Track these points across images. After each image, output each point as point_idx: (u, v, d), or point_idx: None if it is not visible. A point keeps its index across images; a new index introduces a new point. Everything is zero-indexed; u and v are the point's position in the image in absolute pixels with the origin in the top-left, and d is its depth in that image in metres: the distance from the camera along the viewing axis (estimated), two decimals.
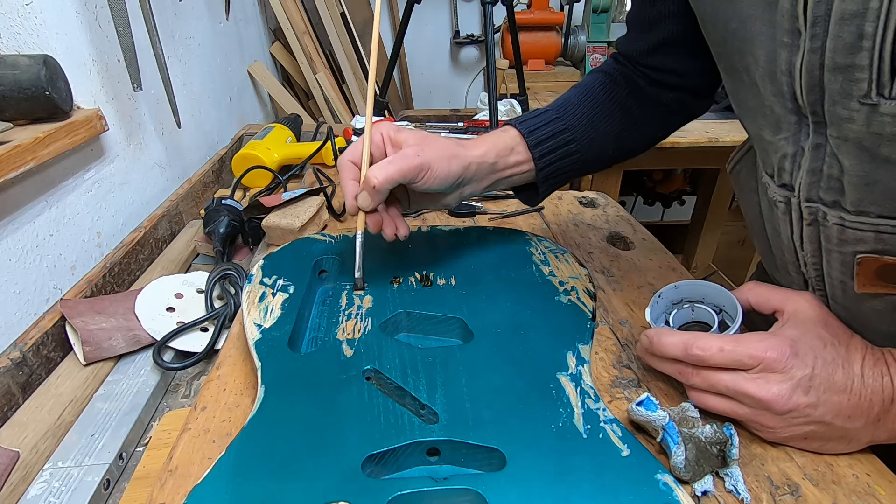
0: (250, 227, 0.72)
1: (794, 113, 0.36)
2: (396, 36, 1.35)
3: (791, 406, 0.35)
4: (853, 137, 0.32)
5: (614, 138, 0.55)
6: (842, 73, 0.31)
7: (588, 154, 0.54)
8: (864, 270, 0.36)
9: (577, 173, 0.56)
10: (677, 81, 0.53)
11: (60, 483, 0.40)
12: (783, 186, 0.40)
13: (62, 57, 0.61)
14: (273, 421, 0.37)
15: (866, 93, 0.30)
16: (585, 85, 0.57)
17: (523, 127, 0.52)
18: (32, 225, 0.58)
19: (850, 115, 0.32)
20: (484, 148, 0.50)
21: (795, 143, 0.37)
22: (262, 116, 1.51)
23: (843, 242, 0.37)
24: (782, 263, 0.45)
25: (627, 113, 0.55)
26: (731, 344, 0.36)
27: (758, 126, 0.40)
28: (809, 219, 0.38)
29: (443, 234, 0.62)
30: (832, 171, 0.35)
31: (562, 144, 0.53)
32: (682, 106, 0.56)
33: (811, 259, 0.40)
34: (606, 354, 0.48)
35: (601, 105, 0.55)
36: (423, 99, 2.26)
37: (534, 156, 0.52)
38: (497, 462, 0.35)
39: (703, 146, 1.26)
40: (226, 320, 0.56)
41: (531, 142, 0.52)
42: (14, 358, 0.49)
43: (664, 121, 0.57)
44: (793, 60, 0.33)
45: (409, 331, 0.49)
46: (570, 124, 0.53)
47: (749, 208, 0.50)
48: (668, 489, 0.32)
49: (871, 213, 0.34)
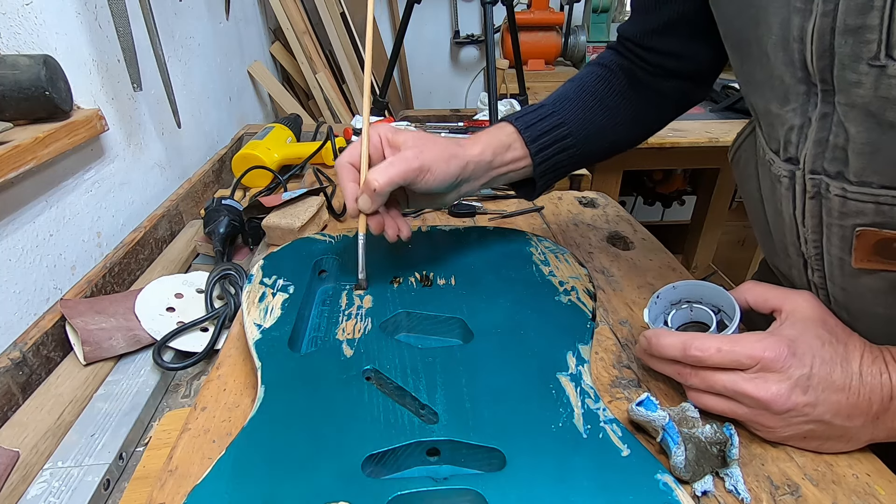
0: (250, 227, 0.72)
1: (804, 82, 0.36)
2: (396, 36, 1.35)
3: (790, 405, 0.35)
4: (860, 103, 0.33)
5: (611, 130, 0.56)
6: (852, 36, 0.31)
7: (585, 147, 0.55)
8: (863, 244, 0.37)
9: (575, 167, 0.57)
10: (678, 66, 0.53)
11: (60, 483, 0.40)
12: (788, 161, 0.40)
13: (62, 57, 0.61)
14: (273, 421, 0.37)
15: (875, 54, 0.31)
16: (581, 78, 0.57)
17: (520, 123, 0.53)
18: (32, 225, 0.58)
19: (858, 78, 0.32)
20: (481, 146, 0.50)
21: (803, 115, 0.38)
22: (262, 116, 1.51)
23: (844, 215, 0.37)
24: (782, 245, 0.45)
25: (625, 104, 0.56)
26: (729, 344, 0.36)
27: (766, 99, 0.41)
28: (812, 191, 0.39)
29: (443, 234, 0.62)
30: (838, 139, 0.36)
31: (558, 139, 0.53)
32: (681, 95, 0.57)
33: (811, 235, 0.41)
34: (606, 354, 0.48)
35: (597, 98, 0.55)
36: (423, 99, 2.26)
37: (531, 151, 0.52)
38: (497, 462, 0.35)
39: (703, 146, 1.26)
40: (226, 320, 0.56)
41: (528, 137, 0.52)
42: (14, 358, 0.49)
43: (661, 111, 0.58)
44: (805, 26, 0.34)
45: (409, 331, 0.49)
46: (566, 118, 0.53)
47: (749, 194, 0.51)
48: (668, 489, 0.32)
49: (872, 184, 0.35)
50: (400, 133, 0.48)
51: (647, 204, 1.90)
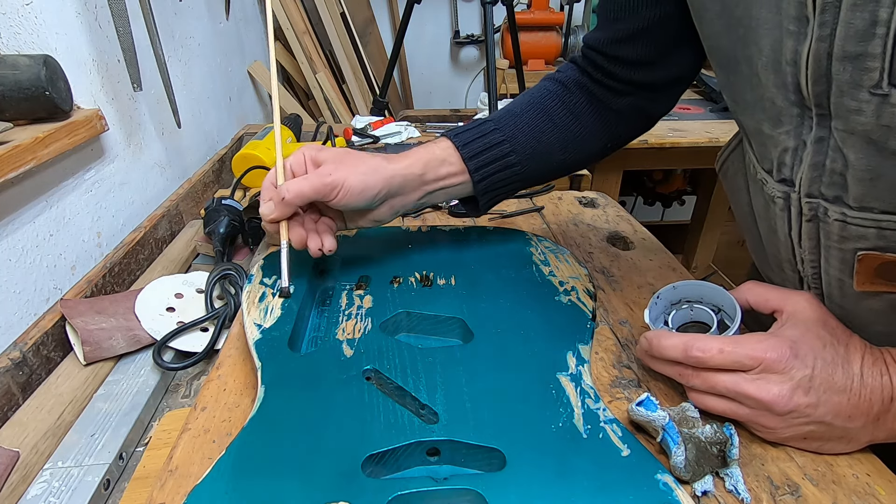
0: (250, 227, 0.72)
1: (797, 105, 0.35)
2: (396, 36, 1.35)
3: (791, 407, 0.35)
4: (860, 130, 0.32)
5: (560, 149, 0.54)
6: (851, 63, 0.30)
7: (530, 166, 0.53)
8: (864, 268, 0.36)
9: (522, 185, 0.55)
10: (641, 77, 0.51)
11: (60, 483, 0.40)
12: (783, 182, 0.39)
13: (62, 57, 0.61)
14: (273, 421, 0.37)
15: (877, 83, 0.29)
16: (532, 93, 0.56)
17: (457, 140, 0.51)
18: (32, 225, 0.58)
19: (858, 106, 0.31)
20: (410, 160, 0.50)
21: (797, 137, 0.36)
22: (262, 116, 1.51)
23: (844, 239, 0.36)
24: (777, 261, 0.45)
25: (577, 121, 0.54)
26: (731, 345, 0.36)
27: (756, 120, 0.40)
28: (809, 215, 0.38)
29: (443, 234, 0.62)
30: (835, 165, 0.35)
31: (499, 157, 0.51)
32: (636, 111, 0.54)
33: (809, 256, 0.40)
34: (606, 354, 0.48)
35: (547, 114, 0.53)
36: (423, 99, 2.26)
37: (469, 168, 0.51)
38: (497, 462, 0.35)
39: (703, 146, 1.26)
40: (226, 320, 0.56)
41: (465, 154, 0.51)
42: (14, 358, 0.49)
43: (615, 129, 0.56)
44: (799, 49, 0.32)
45: (409, 331, 0.49)
46: (509, 135, 0.52)
47: (739, 206, 0.50)
48: (668, 489, 0.32)
49: (874, 209, 0.34)
50: (323, 151, 0.49)
51: (647, 204, 1.90)
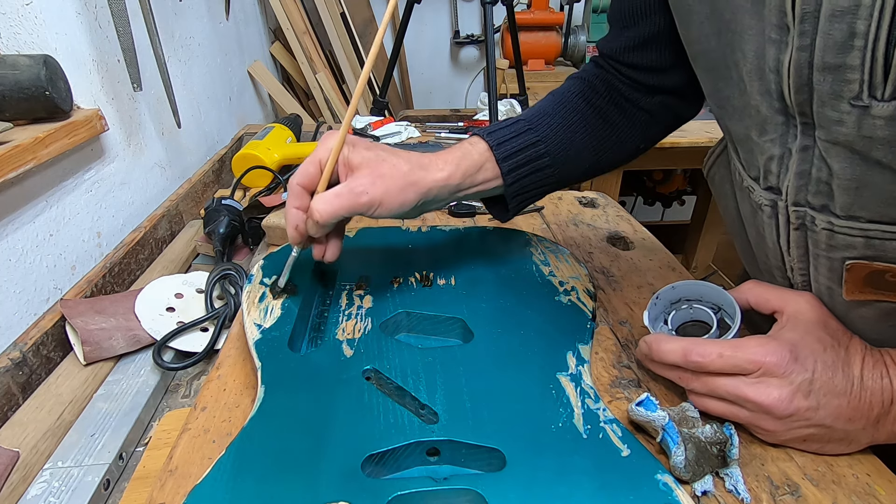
0: (250, 227, 0.72)
1: (782, 113, 0.35)
2: (396, 36, 1.35)
3: (791, 410, 0.35)
4: (843, 140, 0.32)
5: (592, 150, 0.52)
6: (832, 73, 0.30)
7: (563, 168, 0.50)
8: (853, 277, 0.36)
9: (552, 188, 0.52)
10: (661, 81, 0.50)
11: (60, 483, 0.40)
12: (769, 189, 0.39)
13: (62, 57, 0.61)
14: (273, 421, 0.37)
15: (857, 94, 0.29)
16: (562, 92, 0.53)
17: (491, 138, 0.48)
18: (32, 225, 0.58)
19: (840, 117, 0.31)
20: (449, 170, 0.46)
21: (782, 145, 0.36)
22: (262, 116, 1.51)
23: (832, 248, 0.36)
24: (766, 267, 0.45)
25: (607, 122, 0.52)
26: (731, 349, 0.36)
27: (744, 126, 0.39)
28: (797, 223, 0.38)
29: (443, 234, 0.62)
30: (821, 174, 0.34)
31: (533, 158, 0.49)
32: (666, 110, 0.53)
33: (798, 264, 0.40)
34: (606, 354, 0.48)
35: (578, 114, 0.51)
36: (423, 99, 2.26)
37: (502, 170, 0.48)
38: (497, 462, 0.35)
39: (703, 146, 1.26)
40: (226, 320, 0.56)
41: (499, 154, 0.48)
42: (14, 358, 0.49)
43: (646, 129, 0.53)
44: (781, 58, 0.32)
45: (409, 331, 0.49)
46: (543, 135, 0.49)
47: (728, 212, 0.49)
48: (668, 489, 0.32)
49: (861, 218, 0.34)
50: (359, 151, 0.43)
51: (647, 204, 1.91)
